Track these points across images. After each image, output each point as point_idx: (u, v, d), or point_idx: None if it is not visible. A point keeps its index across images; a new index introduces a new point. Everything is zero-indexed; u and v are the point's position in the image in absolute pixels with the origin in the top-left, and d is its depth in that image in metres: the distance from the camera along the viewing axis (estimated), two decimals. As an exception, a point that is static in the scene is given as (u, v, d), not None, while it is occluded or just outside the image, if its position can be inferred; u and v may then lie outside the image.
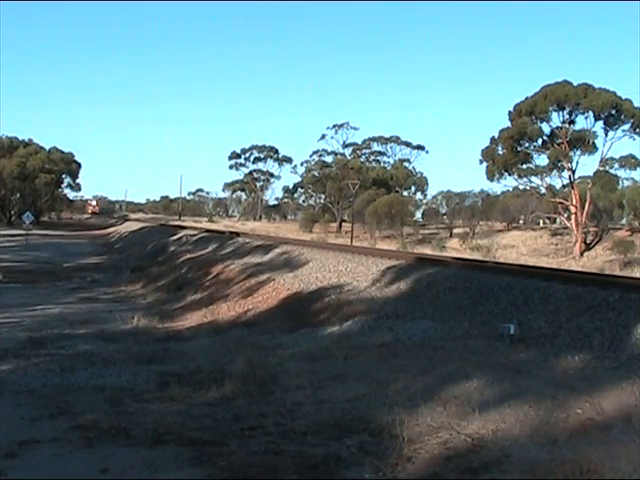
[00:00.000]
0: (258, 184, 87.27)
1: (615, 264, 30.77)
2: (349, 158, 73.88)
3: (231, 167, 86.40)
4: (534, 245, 42.54)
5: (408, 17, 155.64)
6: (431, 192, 77.03)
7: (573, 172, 39.58)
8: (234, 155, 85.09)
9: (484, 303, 10.50)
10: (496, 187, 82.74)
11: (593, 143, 39.07)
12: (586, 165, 74.04)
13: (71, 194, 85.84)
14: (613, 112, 37.59)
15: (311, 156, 75.98)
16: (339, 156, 74.64)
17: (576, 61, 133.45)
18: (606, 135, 38.90)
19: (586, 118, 38.71)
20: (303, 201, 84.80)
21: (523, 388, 6.13)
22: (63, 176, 75.83)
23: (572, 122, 39.11)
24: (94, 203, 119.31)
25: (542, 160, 40.36)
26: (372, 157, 79.07)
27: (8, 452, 5.05)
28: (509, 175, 40.74)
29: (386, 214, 51.42)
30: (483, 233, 49.32)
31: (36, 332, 11.67)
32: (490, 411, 5.67)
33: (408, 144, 78.20)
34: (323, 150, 76.25)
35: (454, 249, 39.54)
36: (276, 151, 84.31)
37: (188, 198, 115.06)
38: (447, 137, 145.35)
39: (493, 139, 40.72)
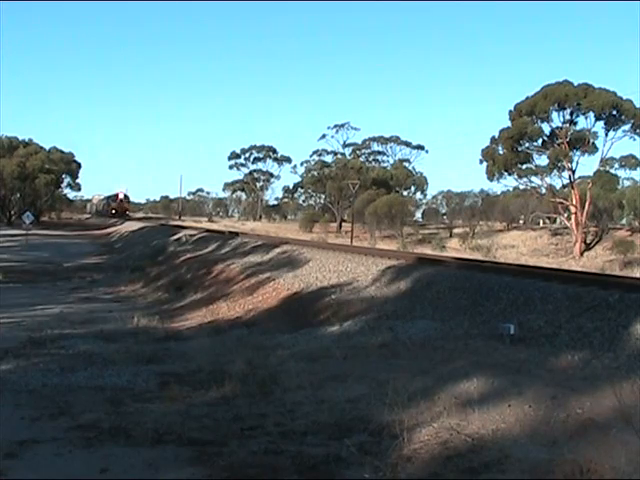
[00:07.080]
0: (258, 184, 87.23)
1: (615, 264, 30.79)
2: (349, 158, 73.85)
3: (231, 167, 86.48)
4: (534, 245, 42.55)
5: (408, 17, 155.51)
6: (431, 192, 77.25)
7: (573, 172, 39.62)
8: (234, 155, 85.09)
9: (484, 303, 10.50)
10: (496, 187, 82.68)
11: (593, 143, 39.12)
12: (586, 165, 74.10)
13: (71, 194, 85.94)
14: (613, 112, 37.61)
15: (311, 156, 75.99)
16: (339, 156, 74.59)
17: (576, 61, 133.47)
18: (606, 135, 38.98)
19: (586, 118, 38.78)
20: (303, 201, 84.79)
21: (523, 388, 6.13)
22: (63, 176, 75.74)
23: (572, 122, 39.15)
24: (122, 196, 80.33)
25: (542, 160, 40.43)
26: (372, 157, 79.12)
27: (8, 452, 5.05)
28: (509, 175, 40.78)
29: (386, 214, 51.37)
30: (483, 233, 49.30)
31: (36, 332, 11.65)
32: (490, 411, 5.67)
33: (408, 144, 78.29)
34: (323, 150, 76.24)
35: (454, 249, 39.58)
36: (275, 151, 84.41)
37: (188, 198, 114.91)
38: (447, 137, 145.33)
39: (493, 139, 40.74)
